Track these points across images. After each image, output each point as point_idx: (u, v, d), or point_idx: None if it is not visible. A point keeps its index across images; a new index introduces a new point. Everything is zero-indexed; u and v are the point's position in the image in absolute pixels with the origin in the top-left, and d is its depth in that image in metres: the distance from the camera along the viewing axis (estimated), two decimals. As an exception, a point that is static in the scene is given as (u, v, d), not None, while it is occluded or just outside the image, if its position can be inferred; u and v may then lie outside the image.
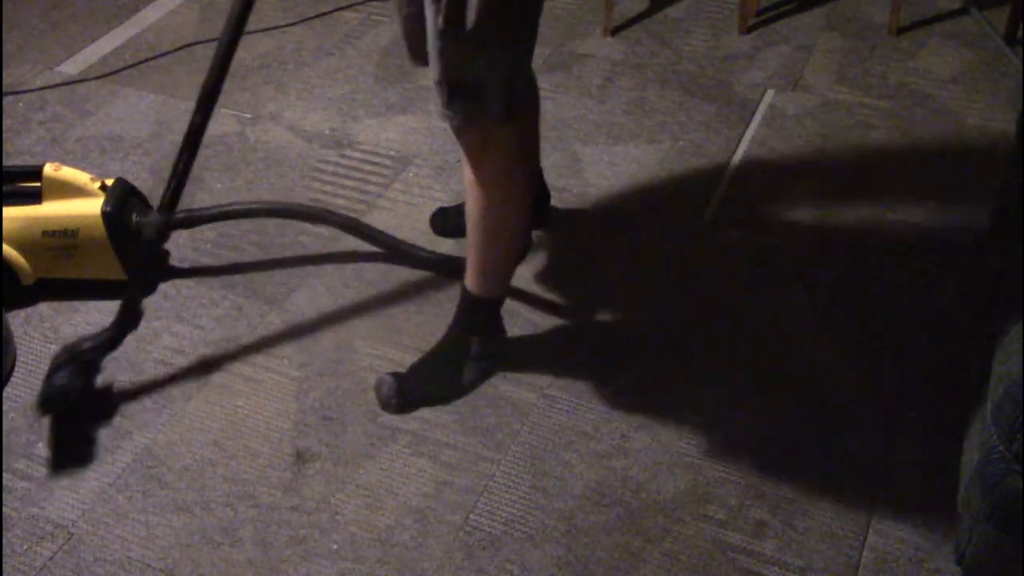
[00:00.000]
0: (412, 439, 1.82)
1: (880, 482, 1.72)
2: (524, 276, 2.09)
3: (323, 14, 3.02)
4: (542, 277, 2.11)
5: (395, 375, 1.88)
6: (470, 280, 1.81)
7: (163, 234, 1.88)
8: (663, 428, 1.82)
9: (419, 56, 1.64)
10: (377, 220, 2.26)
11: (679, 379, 1.91)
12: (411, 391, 1.87)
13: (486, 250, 1.76)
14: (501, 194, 1.68)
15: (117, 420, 1.86)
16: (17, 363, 1.99)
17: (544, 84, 2.63)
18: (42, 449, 1.83)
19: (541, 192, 2.20)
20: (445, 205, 2.27)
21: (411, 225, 2.25)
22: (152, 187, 2.37)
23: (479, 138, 1.61)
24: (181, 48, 2.89)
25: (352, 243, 2.20)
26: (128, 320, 1.88)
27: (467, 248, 1.77)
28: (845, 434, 1.80)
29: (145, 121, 2.63)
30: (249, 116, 2.63)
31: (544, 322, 2.02)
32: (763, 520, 1.67)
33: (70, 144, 2.55)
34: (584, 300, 2.07)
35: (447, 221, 2.23)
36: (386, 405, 1.87)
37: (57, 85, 2.76)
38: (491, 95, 1.52)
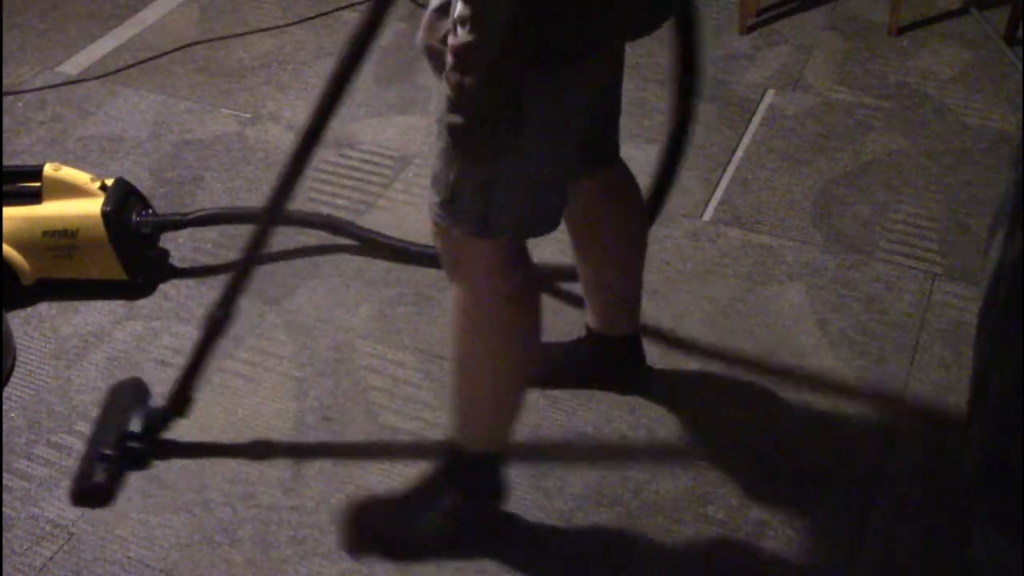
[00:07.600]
0: (412, 439, 1.82)
1: (880, 482, 1.72)
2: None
3: (323, 14, 3.02)
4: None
5: (354, 510, 1.66)
6: (452, 424, 1.57)
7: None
8: (663, 428, 1.82)
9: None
10: (377, 220, 2.26)
11: (679, 379, 1.91)
12: (363, 532, 1.64)
13: (463, 391, 1.50)
14: (474, 325, 1.42)
15: (117, 420, 1.86)
16: (17, 363, 1.99)
17: (544, 84, 2.63)
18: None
19: (632, 346, 1.85)
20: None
21: (411, 225, 2.25)
22: (152, 187, 2.37)
23: (451, 246, 1.39)
24: (181, 48, 2.89)
25: (351, 243, 2.20)
26: (178, 407, 1.74)
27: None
28: (845, 434, 1.80)
29: (145, 121, 2.63)
30: (249, 116, 2.63)
31: (543, 320, 2.02)
32: (763, 520, 1.67)
33: (70, 144, 2.55)
34: (583, 299, 2.07)
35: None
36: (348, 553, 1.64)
37: (57, 85, 2.75)
38: (464, 205, 1.33)
